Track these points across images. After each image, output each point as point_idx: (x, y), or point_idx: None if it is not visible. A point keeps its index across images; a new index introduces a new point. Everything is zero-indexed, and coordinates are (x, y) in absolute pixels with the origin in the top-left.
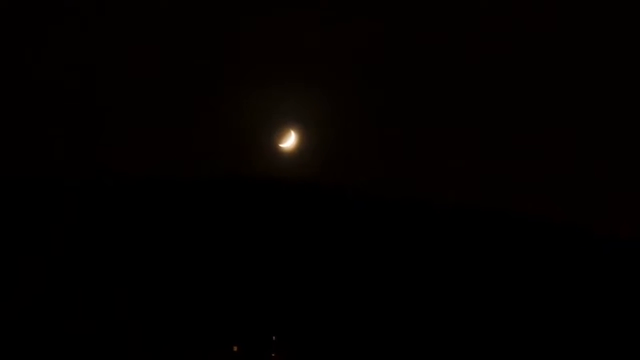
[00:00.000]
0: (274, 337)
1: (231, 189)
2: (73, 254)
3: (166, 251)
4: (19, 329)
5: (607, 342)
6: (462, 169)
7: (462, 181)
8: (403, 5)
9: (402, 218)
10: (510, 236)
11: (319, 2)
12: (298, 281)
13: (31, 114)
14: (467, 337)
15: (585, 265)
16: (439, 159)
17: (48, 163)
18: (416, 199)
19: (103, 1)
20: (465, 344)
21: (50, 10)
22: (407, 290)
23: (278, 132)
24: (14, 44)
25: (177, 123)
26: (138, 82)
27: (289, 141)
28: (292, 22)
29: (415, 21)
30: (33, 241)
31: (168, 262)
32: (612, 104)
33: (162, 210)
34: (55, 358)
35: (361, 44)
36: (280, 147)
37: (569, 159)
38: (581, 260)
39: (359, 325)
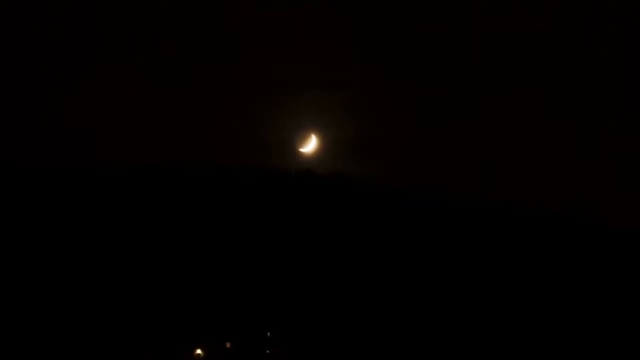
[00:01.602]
0: (269, 334)
1: (232, 183)
2: (74, 247)
3: (164, 247)
4: (19, 327)
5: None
6: (471, 165)
7: (472, 176)
8: (416, 10)
9: (411, 216)
10: (523, 228)
11: (335, 13)
12: (295, 277)
13: (27, 108)
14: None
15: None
16: (447, 159)
17: (52, 156)
18: (427, 194)
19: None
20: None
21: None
22: (405, 286)
23: (299, 135)
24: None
25: (204, 126)
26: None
27: (310, 145)
28: (311, 28)
29: (430, 24)
30: (31, 234)
31: (165, 258)
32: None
33: (169, 203)
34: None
35: (378, 50)
36: (300, 150)
37: (572, 153)
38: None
39: (355, 322)
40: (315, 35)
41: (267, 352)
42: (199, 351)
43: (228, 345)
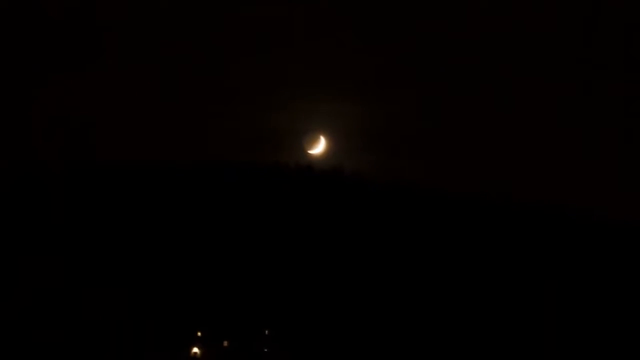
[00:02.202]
0: (266, 332)
1: (231, 179)
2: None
3: (162, 246)
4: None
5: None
6: (471, 162)
7: (475, 174)
8: (422, 18)
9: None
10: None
11: (345, 22)
12: (293, 275)
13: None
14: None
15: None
16: (447, 156)
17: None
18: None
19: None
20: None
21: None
22: (405, 283)
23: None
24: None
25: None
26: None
27: (319, 147)
28: (311, 28)
29: (430, 24)
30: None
31: (163, 257)
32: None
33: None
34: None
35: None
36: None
37: (572, 151)
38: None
39: (353, 319)
40: (315, 35)
41: (265, 350)
42: (195, 350)
43: (225, 344)
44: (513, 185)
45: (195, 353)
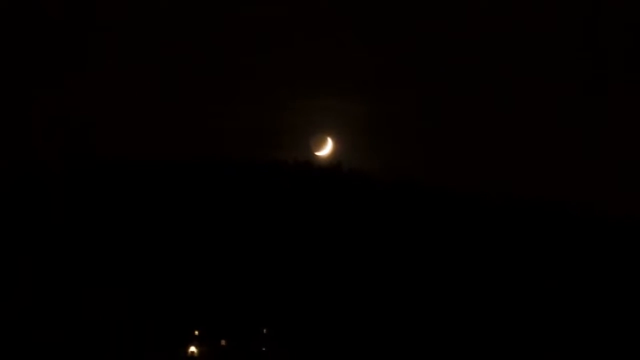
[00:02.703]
0: (264, 331)
1: (229, 177)
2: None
3: (160, 244)
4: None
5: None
6: (471, 161)
7: (475, 172)
8: (422, 18)
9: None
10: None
11: (345, 22)
12: (291, 274)
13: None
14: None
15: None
16: (448, 154)
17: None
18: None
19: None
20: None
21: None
22: (404, 281)
23: (315, 139)
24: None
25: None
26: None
27: (325, 148)
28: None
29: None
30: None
31: (161, 256)
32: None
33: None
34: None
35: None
36: (316, 154)
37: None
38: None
39: (351, 317)
40: (315, 35)
41: (263, 349)
42: (193, 349)
43: (223, 342)
44: (513, 184)
45: (193, 352)
